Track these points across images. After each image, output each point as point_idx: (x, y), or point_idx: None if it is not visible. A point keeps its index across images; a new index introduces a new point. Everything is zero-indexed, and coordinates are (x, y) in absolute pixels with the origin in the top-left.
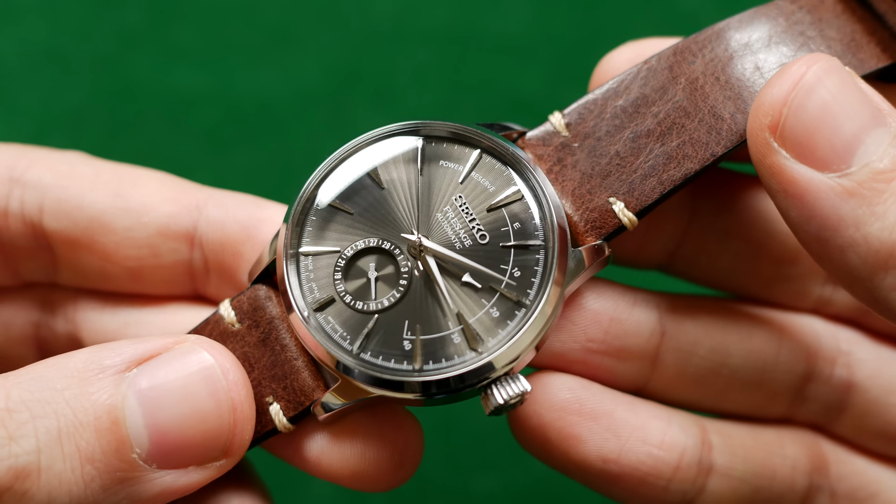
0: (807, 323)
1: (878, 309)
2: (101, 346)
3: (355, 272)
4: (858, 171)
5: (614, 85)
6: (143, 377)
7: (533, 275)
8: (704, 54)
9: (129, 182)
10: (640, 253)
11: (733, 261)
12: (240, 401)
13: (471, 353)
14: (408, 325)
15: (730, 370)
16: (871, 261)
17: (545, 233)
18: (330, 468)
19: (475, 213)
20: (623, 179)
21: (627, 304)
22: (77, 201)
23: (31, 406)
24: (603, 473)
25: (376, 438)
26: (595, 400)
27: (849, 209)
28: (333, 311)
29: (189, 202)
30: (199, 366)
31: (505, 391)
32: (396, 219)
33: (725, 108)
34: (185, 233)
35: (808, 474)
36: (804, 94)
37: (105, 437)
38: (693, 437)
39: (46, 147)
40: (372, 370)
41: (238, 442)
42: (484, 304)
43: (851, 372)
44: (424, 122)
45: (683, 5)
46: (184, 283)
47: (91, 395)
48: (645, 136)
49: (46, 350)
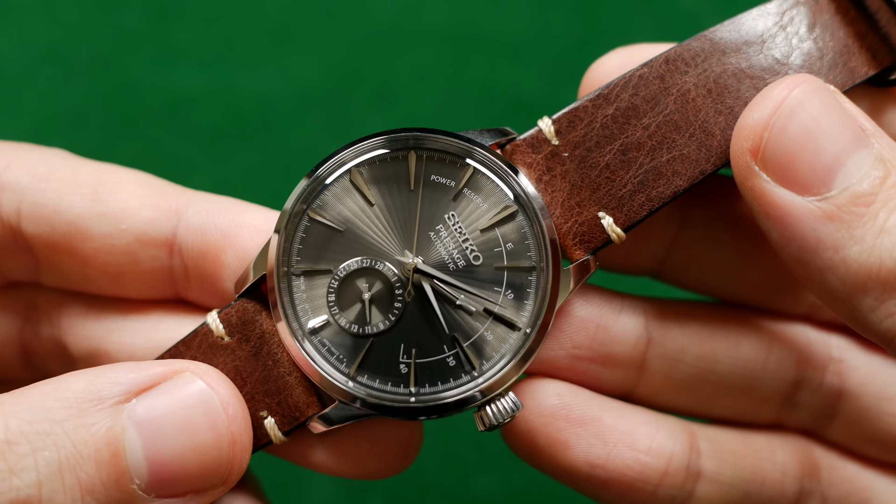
0: (797, 330)
1: (858, 329)
2: (99, 373)
3: (349, 293)
4: (838, 194)
5: (604, 91)
6: (143, 408)
7: (526, 297)
8: (697, 64)
9: (108, 185)
10: (630, 260)
11: (724, 269)
12: (239, 433)
13: (466, 376)
14: (403, 348)
15: (717, 377)
16: (850, 283)
17: (538, 254)
18: (339, 467)
19: (468, 232)
20: (612, 194)
21: (614, 310)
22: (55, 206)
23: (30, 438)
24: (591, 479)
25: (381, 433)
26: (583, 406)
27: (828, 232)
28: (328, 333)
29: (168, 207)
30: (198, 398)
31: (498, 410)
32: (388, 238)
33: (716, 123)
34: (164, 240)
35: (798, 479)
36: (785, 117)
37: (105, 469)
38: (681, 443)
39: (27, 144)
40: (369, 394)
41: (237, 470)
42: (478, 328)
43: (842, 379)
44: (415, 133)
45: (683, 5)
46: (165, 288)
47: (91, 426)
48: (635, 150)
49: (30, 354)
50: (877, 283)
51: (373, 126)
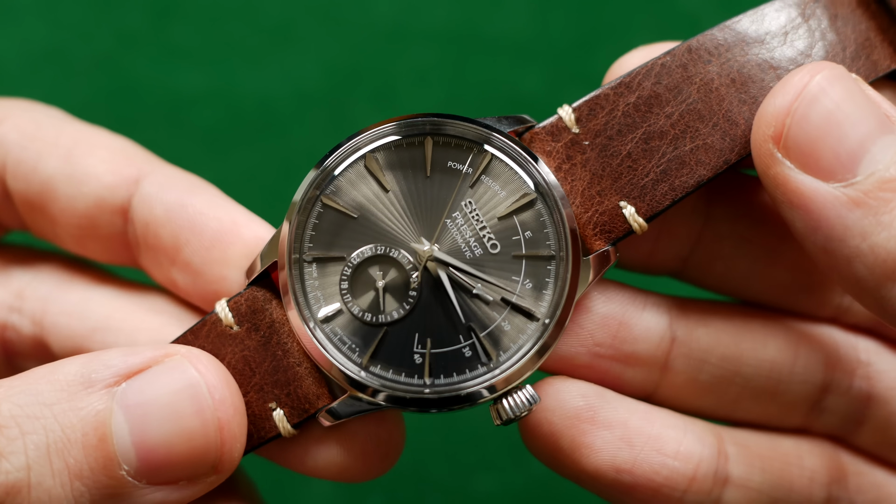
0: (825, 332)
1: (886, 319)
2: (92, 357)
3: (362, 281)
4: (864, 180)
5: (626, 79)
6: (131, 392)
7: (545, 286)
8: (720, 54)
9: (83, 148)
10: (652, 258)
11: (749, 267)
12: (227, 419)
13: (482, 367)
14: (418, 337)
15: (743, 379)
16: (878, 271)
17: (557, 243)
18: (315, 467)
19: (486, 220)
20: (634, 183)
21: (637, 308)
22: (33, 164)
23: (20, 421)
24: (616, 484)
25: (360, 434)
26: (609, 408)
27: (854, 219)
28: (341, 322)
29: (130, 175)
30: (184, 383)
31: (515, 403)
32: (403, 224)
33: (741, 112)
34: (119, 206)
35: (826, 486)
36: (807, 103)
37: (93, 454)
38: (709, 448)
39: (27, 101)
40: (383, 384)
41: (228, 459)
42: (495, 318)
43: (871, 384)
44: (432, 118)
45: (684, 5)
46: (123, 254)
47: (79, 410)
48: (658, 138)
49: (11, 353)
50: None
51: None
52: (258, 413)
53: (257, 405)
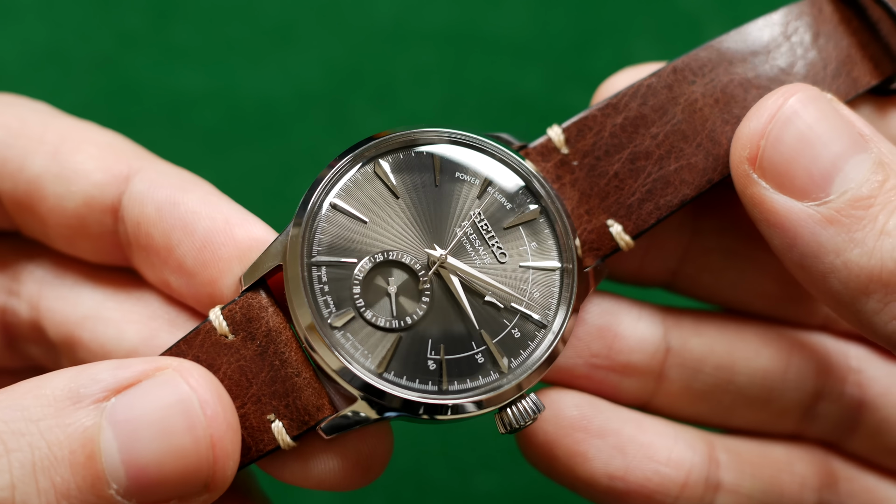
0: (816, 340)
1: (864, 331)
2: (81, 371)
3: (374, 286)
4: (837, 198)
5: (613, 101)
6: (121, 408)
7: (551, 295)
8: (704, 73)
9: (71, 145)
10: (642, 271)
11: (737, 278)
12: (219, 436)
13: (494, 374)
14: (431, 343)
15: (737, 387)
16: (853, 286)
17: (561, 253)
18: (293, 476)
19: (494, 230)
20: (621, 202)
21: (632, 319)
22: (19, 162)
23: (5, 438)
24: (609, 491)
25: (343, 448)
26: (602, 417)
27: (828, 236)
28: (353, 327)
29: (120, 172)
30: (175, 398)
31: (520, 412)
32: (414, 231)
33: (724, 132)
34: (110, 205)
35: (816, 491)
36: (781, 125)
37: (80, 473)
38: (700, 455)
39: (11, 96)
40: (398, 391)
41: (220, 477)
42: (506, 325)
43: (863, 390)
44: (440, 129)
45: (683, 5)
46: (114, 254)
47: (67, 426)
48: (643, 158)
49: (12, 336)
50: (879, 286)
51: (373, 126)
52: (256, 425)
53: (255, 417)
